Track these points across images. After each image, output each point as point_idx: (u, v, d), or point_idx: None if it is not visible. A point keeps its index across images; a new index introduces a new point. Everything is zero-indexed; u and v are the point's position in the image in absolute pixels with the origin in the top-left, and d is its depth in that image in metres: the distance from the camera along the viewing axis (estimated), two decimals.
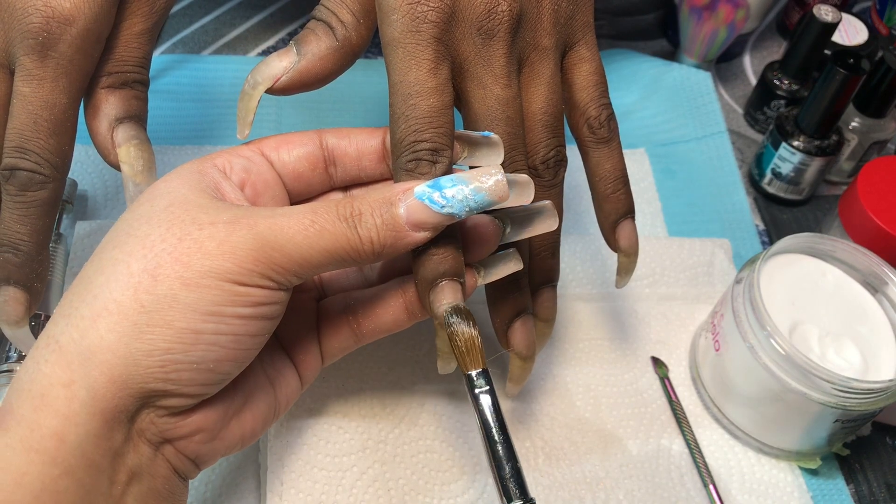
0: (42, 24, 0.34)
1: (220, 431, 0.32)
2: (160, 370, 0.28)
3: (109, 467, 0.29)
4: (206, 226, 0.29)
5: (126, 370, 0.28)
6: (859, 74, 0.52)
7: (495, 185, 0.31)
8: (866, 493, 0.47)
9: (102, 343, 0.28)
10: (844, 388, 0.40)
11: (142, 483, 0.30)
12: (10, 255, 0.35)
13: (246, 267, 0.29)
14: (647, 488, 0.44)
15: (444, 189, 0.31)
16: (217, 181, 0.33)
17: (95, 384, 0.28)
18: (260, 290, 0.30)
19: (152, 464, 0.30)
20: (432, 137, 0.32)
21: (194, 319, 0.28)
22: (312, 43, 0.35)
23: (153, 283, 0.28)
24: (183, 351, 0.29)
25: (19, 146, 0.35)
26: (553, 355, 0.48)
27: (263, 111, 0.57)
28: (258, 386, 0.34)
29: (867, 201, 0.49)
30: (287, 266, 0.30)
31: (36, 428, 0.27)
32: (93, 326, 0.28)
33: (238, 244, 0.29)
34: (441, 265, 0.32)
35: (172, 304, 0.28)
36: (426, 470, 0.42)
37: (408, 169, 0.32)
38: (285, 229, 0.30)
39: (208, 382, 0.30)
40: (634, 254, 0.40)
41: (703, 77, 0.62)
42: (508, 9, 0.34)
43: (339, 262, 0.31)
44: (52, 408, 0.27)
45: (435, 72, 0.33)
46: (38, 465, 0.27)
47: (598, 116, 0.37)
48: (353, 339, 0.37)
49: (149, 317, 0.28)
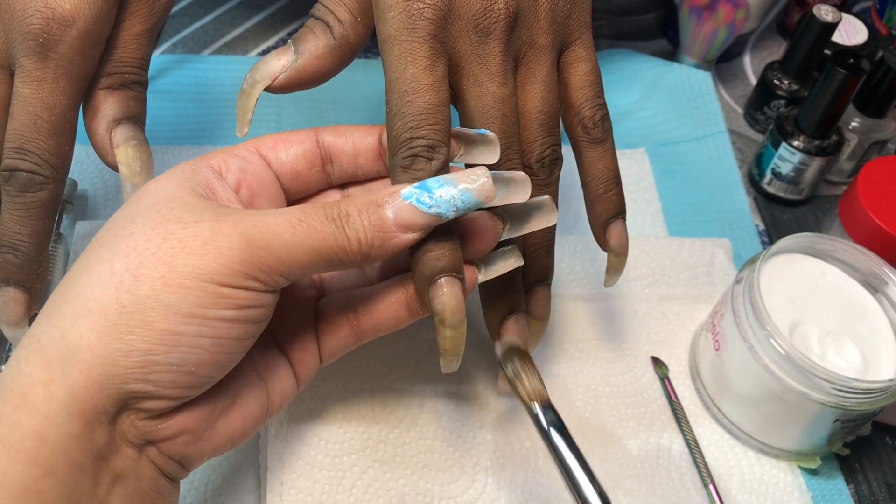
0: (42, 26, 0.34)
1: (204, 432, 0.32)
2: (139, 371, 0.28)
3: (92, 468, 0.28)
4: (191, 224, 0.29)
5: (105, 370, 0.28)
6: (859, 74, 0.52)
7: (482, 186, 0.31)
8: (866, 493, 0.47)
9: (82, 342, 0.28)
10: (844, 387, 0.40)
11: (126, 484, 0.29)
12: (9, 256, 0.35)
13: (231, 267, 0.28)
14: (647, 488, 0.44)
15: (432, 190, 0.31)
16: (209, 180, 0.32)
17: (74, 384, 0.28)
18: (245, 291, 0.29)
19: (136, 465, 0.30)
20: (428, 134, 0.32)
21: (176, 321, 0.28)
22: (310, 41, 0.35)
23: (135, 283, 0.28)
24: (163, 353, 0.28)
25: (19, 147, 0.35)
26: (553, 355, 0.48)
27: (263, 110, 0.57)
28: (248, 385, 0.33)
29: (867, 201, 0.49)
30: (274, 266, 0.29)
31: (16, 427, 0.27)
32: (73, 326, 0.28)
33: (223, 243, 0.29)
34: (439, 261, 0.32)
35: (154, 305, 0.28)
36: (426, 470, 0.42)
37: (404, 166, 0.32)
38: (272, 227, 0.29)
39: (189, 385, 0.30)
40: (624, 254, 0.40)
41: (703, 77, 0.62)
42: (505, 7, 0.34)
43: (327, 263, 0.31)
44: (32, 407, 0.27)
45: (431, 69, 0.33)
46: (20, 465, 0.27)
47: (592, 116, 0.37)
48: (353, 337, 0.36)
49: (129, 317, 0.28)
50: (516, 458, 0.44)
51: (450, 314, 0.32)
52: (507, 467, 0.43)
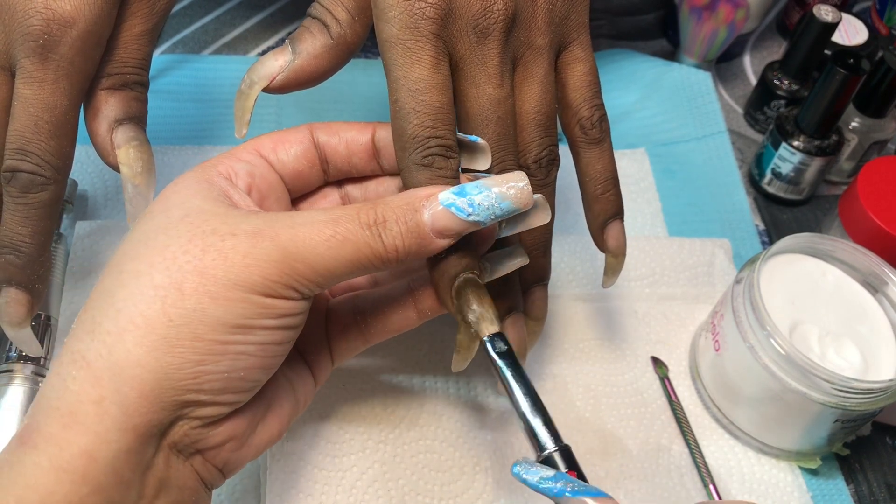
0: (43, 27, 0.34)
1: (248, 438, 0.32)
2: (192, 382, 0.28)
3: (139, 482, 0.29)
4: (228, 237, 0.29)
5: (158, 384, 0.28)
6: (859, 74, 0.52)
7: (519, 193, 0.31)
8: (866, 493, 0.47)
9: (131, 358, 0.28)
10: (844, 388, 0.40)
11: (169, 495, 0.30)
12: (11, 257, 0.35)
13: (271, 279, 0.29)
14: (647, 488, 0.44)
15: (471, 195, 0.31)
16: (225, 189, 0.33)
17: (127, 400, 0.28)
18: (285, 301, 0.30)
19: (180, 475, 0.30)
20: (445, 134, 0.32)
21: (223, 331, 0.29)
22: (307, 41, 0.35)
23: (180, 297, 0.28)
24: (214, 362, 0.29)
25: (20, 148, 0.35)
26: (553, 355, 0.48)
27: (263, 111, 0.57)
28: (280, 389, 0.34)
29: (867, 201, 0.49)
30: (311, 277, 0.30)
31: (66, 446, 0.27)
32: (120, 341, 0.28)
33: (262, 257, 0.29)
34: (462, 260, 0.32)
35: (202, 319, 0.28)
36: (426, 470, 0.42)
37: (425, 164, 0.32)
38: (307, 240, 0.29)
39: (240, 390, 0.30)
40: (622, 255, 0.40)
41: (703, 77, 0.62)
42: (504, 7, 0.34)
43: (362, 271, 0.31)
44: (82, 425, 0.27)
45: (437, 68, 0.33)
46: (67, 485, 0.27)
47: (590, 117, 0.37)
48: (362, 339, 0.37)
49: (178, 330, 0.28)
50: (516, 458, 0.43)
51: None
52: (507, 467, 0.43)
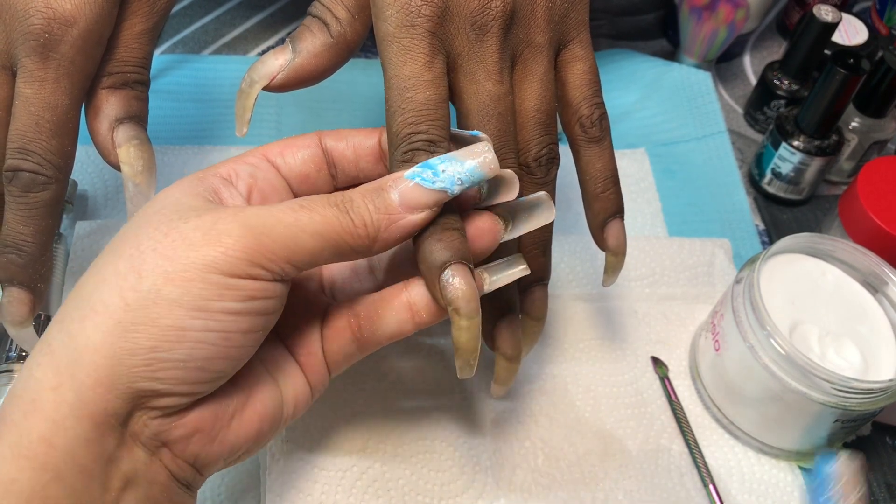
0: (43, 26, 0.34)
1: (219, 432, 0.31)
2: (146, 369, 0.28)
3: (102, 473, 0.28)
4: (192, 219, 0.29)
5: (112, 370, 0.27)
6: (859, 74, 0.52)
7: (485, 160, 0.31)
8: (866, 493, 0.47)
9: (89, 344, 0.27)
10: (844, 387, 0.40)
11: (138, 490, 0.29)
12: (13, 256, 0.35)
13: (234, 255, 0.28)
14: (647, 488, 0.44)
15: (436, 167, 0.31)
16: (216, 187, 0.32)
17: (82, 386, 0.27)
18: (251, 281, 0.29)
19: (148, 469, 0.29)
20: (429, 129, 0.32)
21: (180, 315, 0.28)
22: (307, 40, 0.35)
23: (138, 280, 0.28)
24: (168, 349, 0.28)
25: (21, 147, 0.35)
26: (553, 355, 0.48)
27: (264, 110, 0.57)
28: (262, 385, 0.33)
29: (867, 201, 0.49)
30: (278, 252, 0.29)
31: (25, 433, 0.27)
32: (81, 328, 0.28)
33: (224, 231, 0.28)
34: (447, 250, 0.31)
35: (157, 301, 0.27)
36: (426, 470, 0.42)
37: (405, 160, 0.32)
38: (274, 212, 0.29)
39: (199, 381, 0.29)
40: (622, 253, 0.40)
41: (703, 77, 0.62)
42: (502, 4, 0.34)
43: (334, 249, 0.30)
44: (40, 412, 0.27)
45: (430, 65, 0.33)
46: (28, 472, 0.26)
47: (590, 115, 0.37)
48: (356, 344, 0.35)
49: (133, 314, 0.27)
50: (516, 458, 0.44)
51: (464, 302, 0.31)
52: (507, 467, 0.43)
